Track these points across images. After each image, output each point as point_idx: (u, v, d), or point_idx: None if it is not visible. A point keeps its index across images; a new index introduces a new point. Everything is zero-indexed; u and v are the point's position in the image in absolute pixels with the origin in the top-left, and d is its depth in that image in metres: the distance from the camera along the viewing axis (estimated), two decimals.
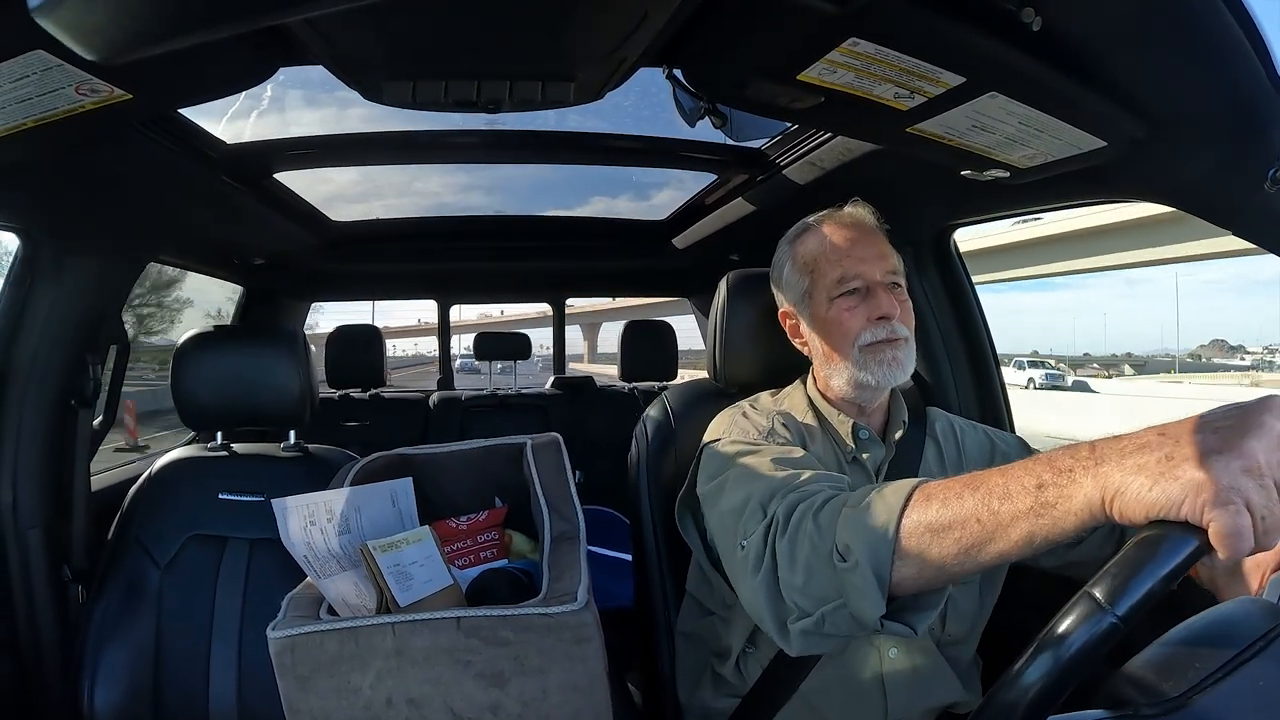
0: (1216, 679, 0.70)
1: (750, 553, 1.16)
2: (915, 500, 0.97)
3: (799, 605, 1.08)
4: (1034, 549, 0.86)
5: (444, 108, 1.44)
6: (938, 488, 0.97)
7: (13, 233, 1.80)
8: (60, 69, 1.03)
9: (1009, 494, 0.87)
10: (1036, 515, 0.84)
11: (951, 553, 0.92)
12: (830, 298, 1.45)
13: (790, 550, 1.09)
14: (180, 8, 0.70)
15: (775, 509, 1.15)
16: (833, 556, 1.02)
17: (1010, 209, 1.89)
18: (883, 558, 0.96)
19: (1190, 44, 1.04)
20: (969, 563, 0.91)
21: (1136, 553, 0.73)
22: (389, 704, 1.10)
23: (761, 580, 1.13)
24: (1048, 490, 0.83)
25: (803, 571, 1.07)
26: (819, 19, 1.01)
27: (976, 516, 0.89)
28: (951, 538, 0.91)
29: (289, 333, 1.98)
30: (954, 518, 0.91)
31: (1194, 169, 1.30)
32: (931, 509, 0.94)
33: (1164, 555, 0.71)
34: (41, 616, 1.91)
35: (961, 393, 2.19)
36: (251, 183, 2.28)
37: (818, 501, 1.11)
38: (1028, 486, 0.85)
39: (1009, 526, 0.86)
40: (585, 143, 2.35)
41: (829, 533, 1.05)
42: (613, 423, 3.47)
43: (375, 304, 4.32)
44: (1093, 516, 0.79)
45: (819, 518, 1.08)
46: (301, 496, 1.29)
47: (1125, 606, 0.70)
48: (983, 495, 0.89)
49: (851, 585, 0.99)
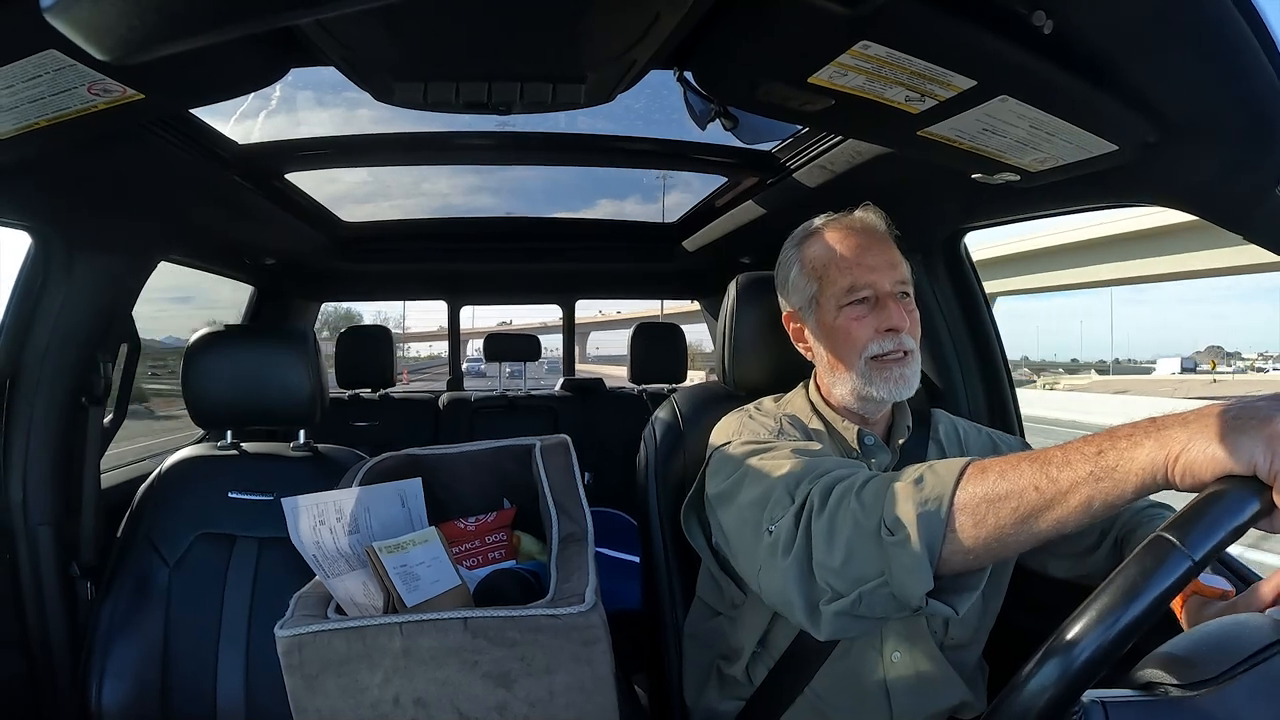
0: (1245, 669, 0.71)
1: (779, 537, 1.15)
2: (970, 473, 0.98)
3: (832, 586, 1.07)
4: (1091, 515, 0.86)
5: (455, 109, 1.44)
6: (993, 461, 0.98)
7: (24, 231, 1.81)
8: (73, 69, 1.04)
9: (1069, 461, 0.87)
10: (1096, 480, 0.84)
11: (1008, 522, 0.92)
12: (838, 306, 1.44)
13: (829, 529, 1.08)
14: (192, 8, 0.70)
15: (808, 491, 1.15)
16: (880, 532, 1.02)
17: (1021, 213, 1.88)
18: (935, 530, 0.97)
19: (1202, 47, 1.04)
20: (1024, 533, 0.91)
21: (1207, 502, 0.74)
22: (396, 703, 1.10)
23: (793, 562, 1.12)
24: (1108, 455, 0.84)
25: (842, 550, 1.06)
26: (830, 22, 1.01)
27: (1035, 485, 0.89)
28: (1008, 507, 0.92)
29: (300, 332, 1.98)
30: (1010, 488, 0.92)
31: (1205, 173, 1.30)
32: (988, 480, 0.95)
33: (1233, 506, 0.73)
34: (50, 613, 1.91)
35: (971, 398, 2.18)
36: (263, 183, 2.28)
37: (859, 480, 1.11)
38: (1087, 454, 0.86)
39: (1068, 493, 0.87)
40: (596, 144, 2.36)
41: (875, 508, 1.04)
42: (622, 425, 3.47)
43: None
44: (1154, 478, 0.81)
45: (863, 495, 1.07)
46: (311, 496, 1.29)
47: (1202, 550, 0.72)
48: (1041, 464, 0.90)
49: (899, 560, 0.99)
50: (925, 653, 1.43)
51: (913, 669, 1.42)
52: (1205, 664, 0.73)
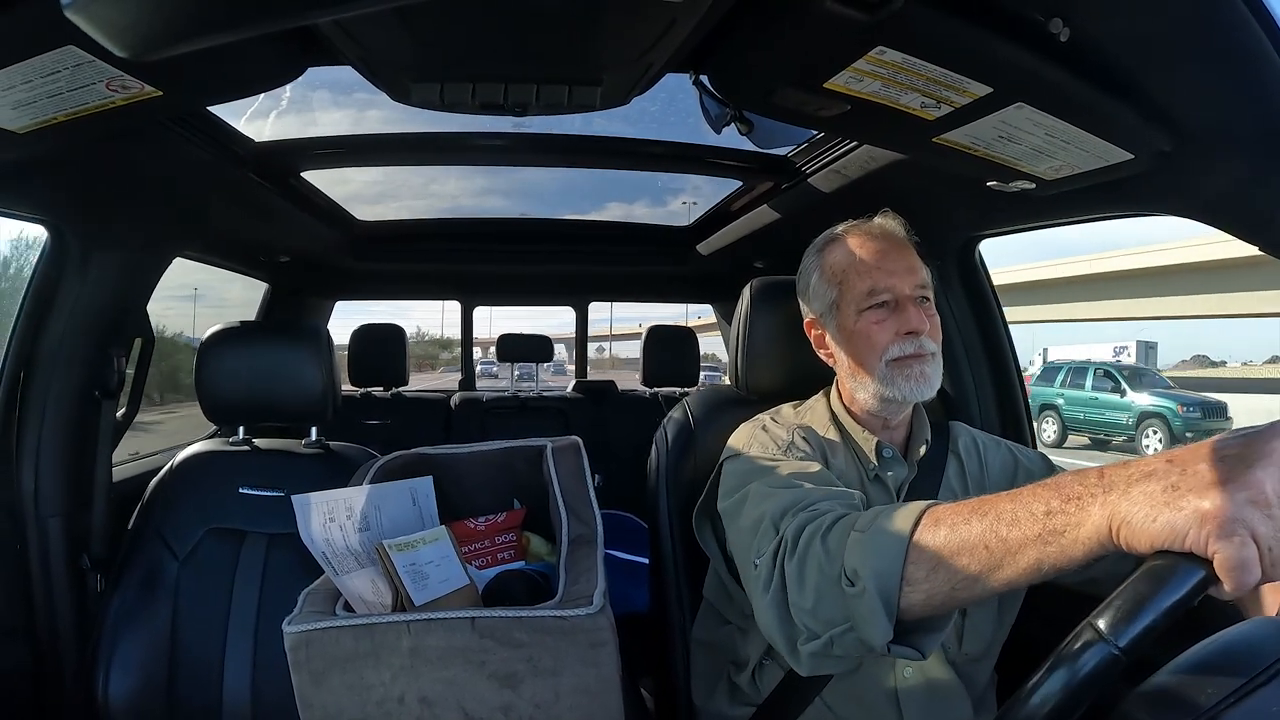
0: (1230, 703, 0.69)
1: (762, 572, 1.16)
2: (924, 524, 0.97)
3: (808, 627, 1.07)
4: (1042, 576, 0.85)
5: (471, 110, 1.45)
6: (946, 512, 0.96)
7: (41, 225, 1.82)
8: (91, 65, 1.05)
9: (1017, 520, 0.85)
10: (1044, 543, 0.83)
11: (960, 579, 0.91)
12: (859, 310, 1.44)
13: (799, 572, 1.09)
14: (211, 7, 0.71)
15: (785, 528, 1.15)
16: (840, 581, 1.02)
17: (1036, 221, 1.88)
18: (890, 584, 0.96)
19: (1219, 57, 1.03)
20: (978, 588, 0.90)
21: (1140, 584, 0.72)
22: (401, 701, 1.10)
23: (771, 600, 1.12)
24: (1055, 518, 0.82)
25: (811, 594, 1.06)
26: (847, 27, 1.01)
27: (985, 543, 0.88)
28: (959, 564, 0.90)
29: (313, 329, 1.99)
30: (962, 544, 0.90)
31: (1221, 183, 1.29)
32: (940, 534, 0.94)
33: (1169, 588, 0.71)
34: (59, 604, 1.93)
35: (984, 407, 2.18)
36: (279, 181, 2.29)
37: (826, 523, 1.10)
38: (1036, 513, 0.84)
39: (1017, 554, 0.85)
40: (611, 147, 2.36)
41: (837, 556, 1.04)
42: (634, 427, 3.46)
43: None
44: (1101, 545, 0.78)
45: (827, 540, 1.07)
46: (322, 493, 1.29)
47: (1127, 639, 0.70)
48: (990, 521, 0.88)
49: (859, 611, 0.99)
50: (937, 666, 1.42)
51: (924, 682, 1.41)
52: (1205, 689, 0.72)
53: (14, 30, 0.97)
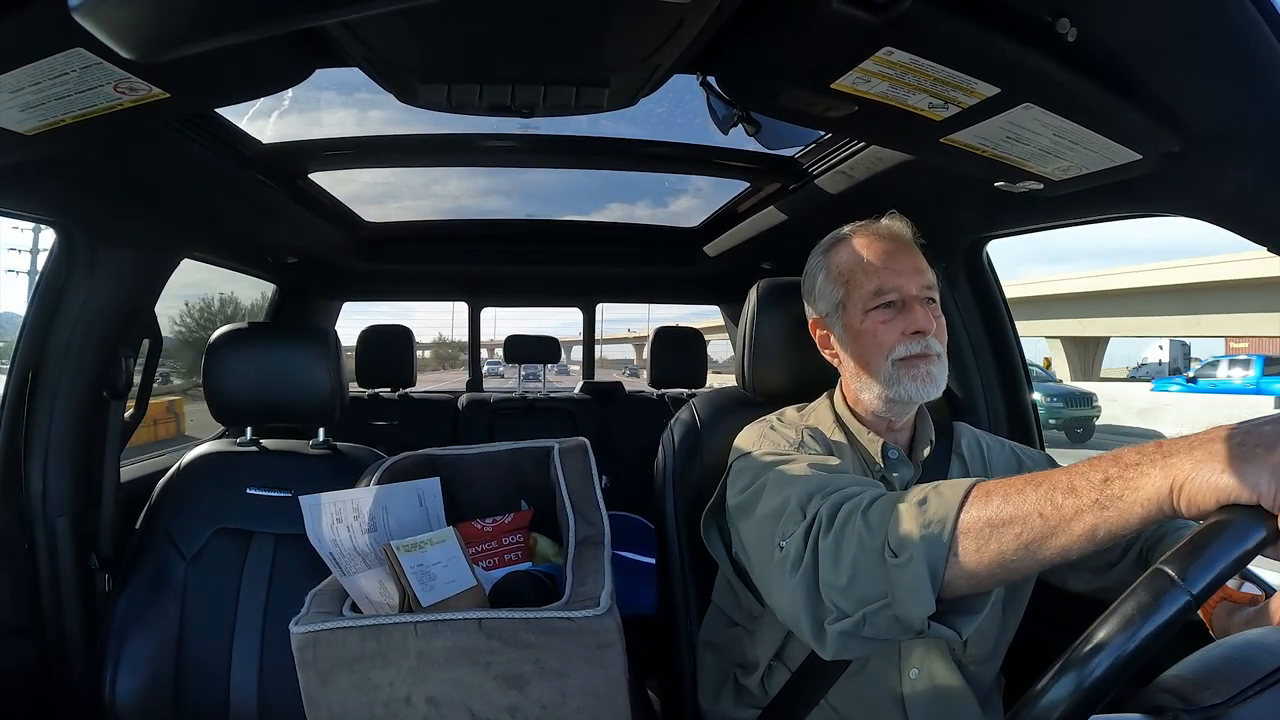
0: (1256, 691, 0.69)
1: (789, 553, 1.15)
2: (974, 496, 0.97)
3: (838, 606, 1.06)
4: (1096, 544, 0.85)
5: (478, 111, 1.45)
6: (997, 485, 0.96)
7: (49, 227, 1.83)
8: (99, 67, 1.05)
9: (1074, 488, 0.86)
10: (1101, 508, 0.83)
11: (1011, 548, 0.91)
12: (865, 310, 1.44)
13: (835, 548, 1.08)
14: (218, 9, 0.71)
15: (818, 508, 1.14)
16: (884, 553, 1.01)
17: (1043, 222, 1.87)
18: (938, 553, 0.96)
19: (1228, 57, 1.03)
20: (1028, 559, 0.90)
21: (1209, 533, 0.73)
22: (408, 702, 1.11)
23: (800, 580, 1.11)
24: (1114, 484, 0.83)
25: (848, 570, 1.05)
26: (854, 28, 1.01)
27: (1039, 511, 0.88)
28: (1012, 533, 0.90)
29: (321, 330, 1.99)
30: (1015, 513, 0.91)
31: (1230, 184, 1.28)
32: (992, 504, 0.94)
33: (1237, 537, 0.72)
34: (67, 604, 1.93)
35: (991, 408, 2.17)
36: (286, 182, 2.30)
37: (865, 500, 1.10)
38: (1093, 481, 0.85)
39: (1072, 520, 0.85)
40: (618, 148, 2.36)
41: (880, 529, 1.03)
42: (641, 429, 3.47)
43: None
44: (1159, 508, 0.79)
45: (868, 515, 1.07)
46: (330, 494, 1.30)
47: (1200, 584, 0.70)
48: (1046, 490, 0.89)
49: (901, 583, 0.98)
50: (944, 669, 1.42)
51: (930, 685, 1.41)
52: (1216, 686, 0.72)
53: (22, 32, 0.97)
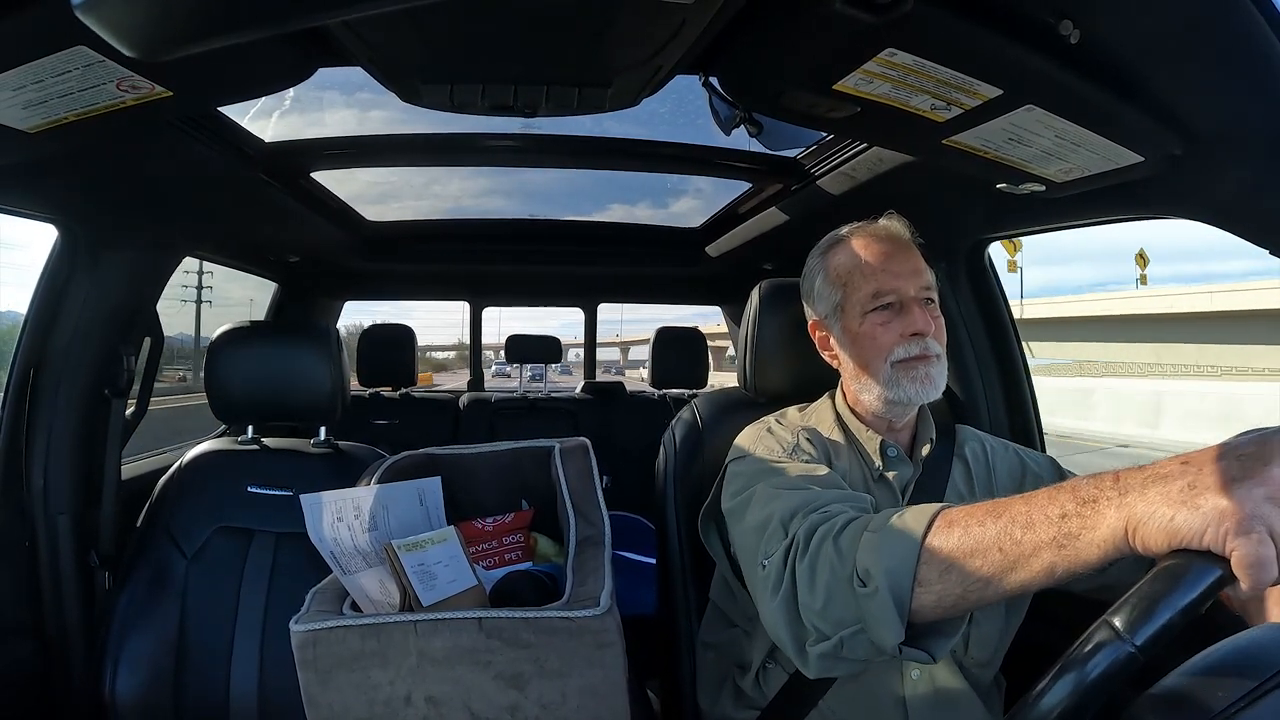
0: (1240, 708, 0.69)
1: (771, 573, 1.15)
2: (937, 526, 0.96)
3: (817, 628, 1.07)
4: (1055, 580, 0.85)
5: (481, 111, 1.45)
6: (960, 514, 0.96)
7: (51, 224, 1.83)
8: (102, 65, 1.05)
9: (1032, 523, 0.85)
10: (1059, 546, 0.83)
11: (972, 580, 0.91)
12: (864, 311, 1.43)
13: (810, 573, 1.08)
14: (221, 7, 0.71)
15: (796, 529, 1.14)
16: (852, 581, 1.02)
17: (1045, 224, 1.87)
18: (903, 585, 0.96)
19: (1230, 59, 1.03)
20: (990, 591, 0.90)
21: (1157, 583, 0.72)
22: (407, 701, 1.11)
23: (781, 602, 1.12)
24: (1071, 520, 0.82)
25: (822, 595, 1.06)
26: (856, 29, 1.01)
27: (999, 545, 0.88)
28: (973, 566, 0.90)
29: (322, 329, 2.00)
30: (976, 545, 0.90)
31: (1232, 186, 1.29)
32: (953, 536, 0.93)
33: (1186, 585, 0.71)
34: (67, 601, 1.93)
35: (993, 409, 2.17)
36: (289, 181, 2.30)
37: (838, 524, 1.10)
38: (1051, 516, 0.84)
39: (1031, 556, 0.85)
40: (621, 148, 2.36)
41: (849, 557, 1.04)
42: (642, 429, 3.47)
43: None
44: (1116, 548, 0.78)
45: (839, 541, 1.07)
46: (330, 493, 1.30)
47: (1144, 636, 0.70)
48: (1005, 523, 0.88)
49: (870, 612, 0.99)
50: (946, 670, 1.42)
51: (931, 687, 1.41)
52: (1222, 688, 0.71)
53: (24, 30, 0.97)
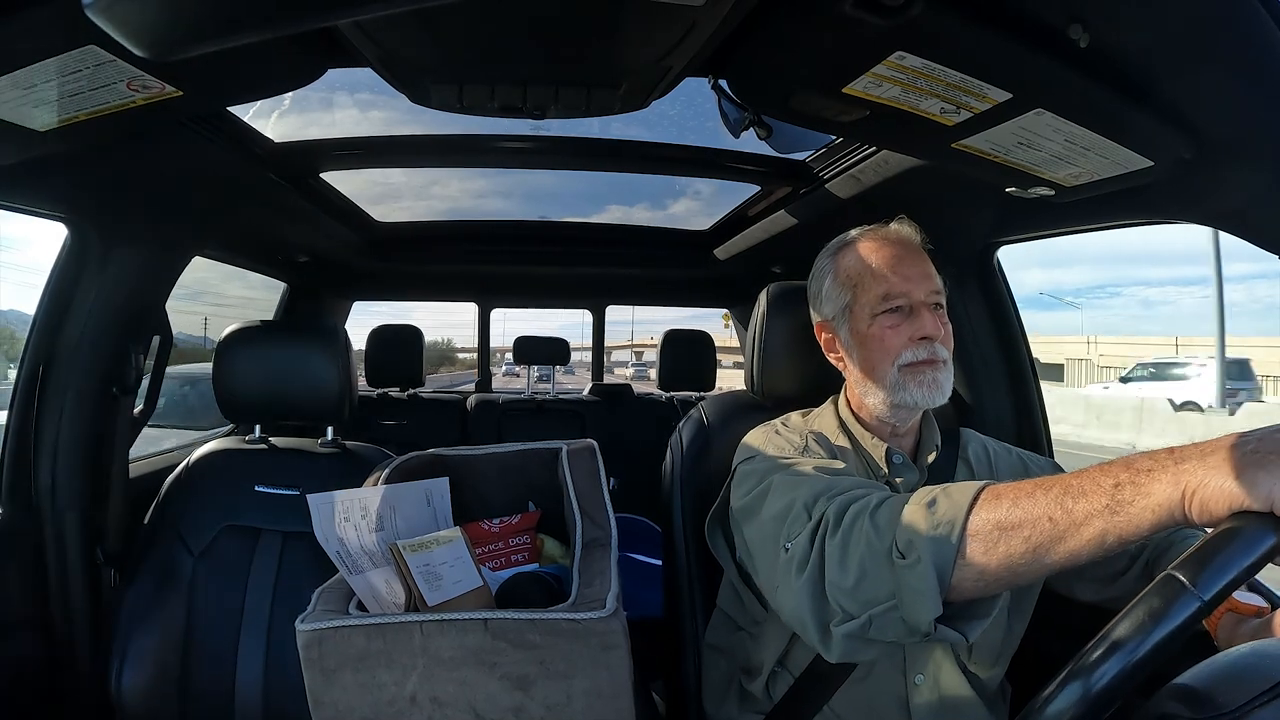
0: (1265, 700, 0.69)
1: (795, 555, 1.14)
2: (984, 499, 0.96)
3: (844, 607, 1.06)
4: (1105, 549, 0.85)
5: (490, 112, 1.45)
6: (1007, 488, 0.96)
7: (61, 223, 1.83)
8: (112, 64, 1.05)
9: (1084, 493, 0.86)
10: (1111, 513, 0.83)
11: (1019, 552, 0.90)
12: (872, 314, 1.43)
13: (842, 549, 1.07)
14: (231, 8, 0.71)
15: (824, 510, 1.13)
16: (891, 554, 1.00)
17: (1055, 228, 1.86)
18: (946, 555, 0.95)
19: (1241, 65, 1.02)
20: (1036, 563, 0.90)
21: (1221, 540, 0.73)
22: (413, 701, 1.11)
23: (806, 581, 1.10)
24: (1125, 489, 0.82)
25: (855, 571, 1.05)
26: (866, 32, 1.01)
27: (1049, 515, 0.88)
28: (1020, 536, 0.90)
29: (330, 329, 2.00)
30: (1025, 516, 0.90)
31: (1243, 192, 1.28)
32: (1001, 507, 0.93)
33: (1252, 542, 0.71)
34: (74, 598, 1.94)
35: (1000, 414, 2.16)
36: (298, 181, 2.30)
37: (873, 501, 1.09)
38: (1104, 486, 0.84)
39: (1082, 525, 0.85)
40: (630, 150, 2.36)
41: (888, 530, 1.03)
42: (649, 431, 3.46)
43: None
44: (1170, 515, 0.79)
45: (876, 516, 1.06)
46: (337, 493, 1.30)
47: (1211, 590, 0.70)
48: (1056, 494, 0.88)
49: (909, 584, 0.97)
50: (949, 675, 1.41)
51: (936, 692, 1.41)
52: (1222, 697, 0.71)
53: (35, 29, 0.98)
